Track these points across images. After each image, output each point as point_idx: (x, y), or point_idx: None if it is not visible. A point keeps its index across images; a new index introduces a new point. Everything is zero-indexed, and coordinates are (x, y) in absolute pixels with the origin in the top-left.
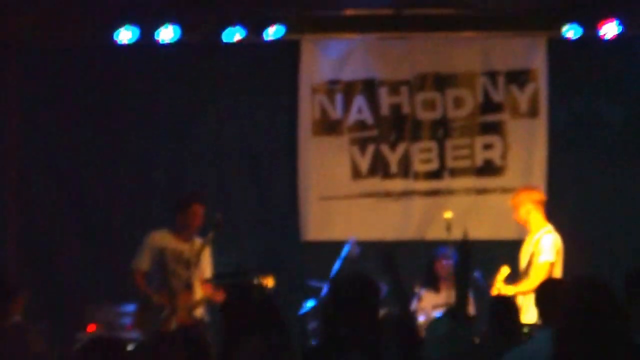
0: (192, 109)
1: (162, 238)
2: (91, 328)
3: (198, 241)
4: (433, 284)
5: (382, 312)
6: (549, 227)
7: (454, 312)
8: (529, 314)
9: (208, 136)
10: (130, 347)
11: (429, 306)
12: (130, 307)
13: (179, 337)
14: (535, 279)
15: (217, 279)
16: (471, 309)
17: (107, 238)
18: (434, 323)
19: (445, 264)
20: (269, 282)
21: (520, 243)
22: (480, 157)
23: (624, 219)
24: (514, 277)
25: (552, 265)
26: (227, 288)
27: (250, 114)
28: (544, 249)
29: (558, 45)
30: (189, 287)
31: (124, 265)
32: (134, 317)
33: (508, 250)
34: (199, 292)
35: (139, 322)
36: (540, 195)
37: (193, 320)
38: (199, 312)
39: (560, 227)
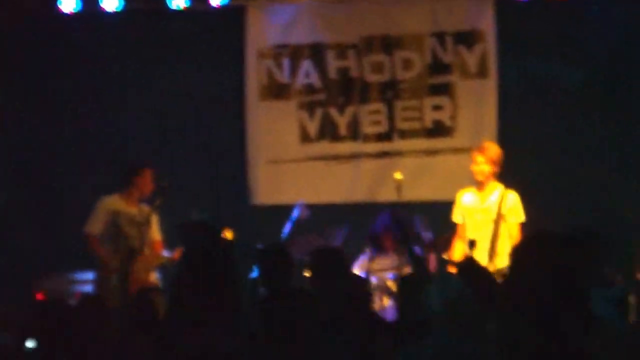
0: (139, 76)
1: (114, 202)
2: (39, 296)
3: (145, 206)
4: (381, 248)
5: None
6: (502, 186)
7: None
8: None
9: (155, 103)
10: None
11: (380, 268)
12: (80, 275)
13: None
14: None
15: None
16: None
17: (55, 205)
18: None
19: (389, 235)
20: (229, 234)
21: None
22: (429, 119)
23: (576, 178)
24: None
25: (523, 225)
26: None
27: (197, 81)
28: (515, 209)
29: (508, 6)
30: (142, 249)
31: (73, 232)
32: (94, 283)
33: None
34: (152, 254)
35: (99, 288)
36: (501, 154)
37: (148, 284)
38: (153, 277)
39: (511, 187)
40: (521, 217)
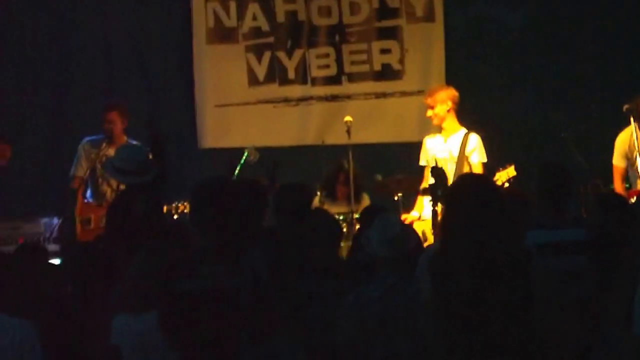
0: (82, 19)
1: (93, 145)
2: None
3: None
4: (332, 194)
5: None
6: (465, 128)
7: None
8: None
9: (99, 47)
10: None
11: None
12: (25, 223)
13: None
14: None
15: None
16: None
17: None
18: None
19: (345, 187)
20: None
21: (419, 145)
22: (378, 62)
23: (521, 120)
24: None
25: (485, 165)
26: None
27: (143, 24)
28: (477, 149)
29: None
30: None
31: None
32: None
33: (407, 153)
34: None
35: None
36: (457, 95)
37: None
38: None
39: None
40: (483, 157)
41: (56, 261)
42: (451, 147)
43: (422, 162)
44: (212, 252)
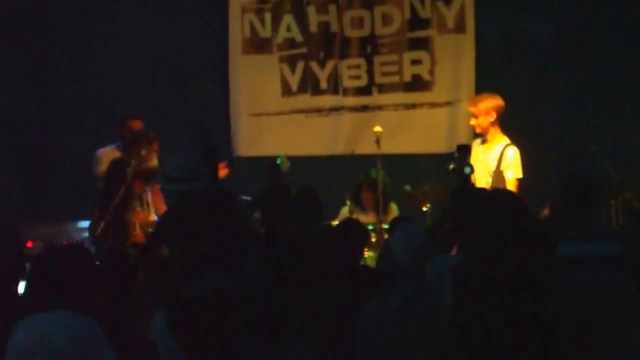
0: (122, 28)
1: (110, 153)
2: (30, 244)
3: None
4: (360, 204)
5: None
6: (508, 140)
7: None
8: None
9: (139, 54)
10: None
11: None
12: (68, 226)
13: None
14: None
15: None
16: None
17: (42, 157)
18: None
19: (370, 196)
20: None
21: (448, 156)
22: (408, 73)
23: (552, 133)
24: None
25: (520, 181)
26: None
27: (180, 34)
28: (512, 164)
29: None
30: (143, 204)
31: (59, 182)
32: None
33: (435, 164)
34: (152, 209)
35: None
36: (502, 105)
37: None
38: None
39: None
40: (518, 173)
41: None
42: (489, 158)
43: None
44: (214, 257)
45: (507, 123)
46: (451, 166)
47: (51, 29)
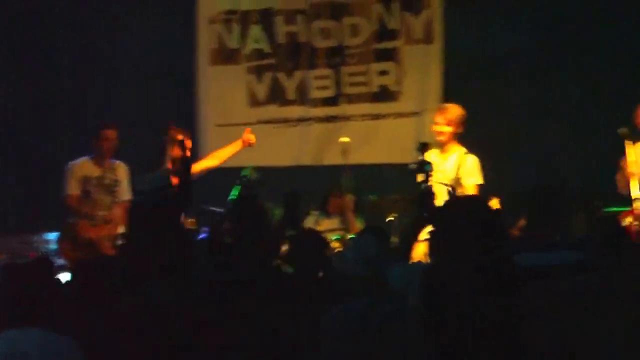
0: (92, 38)
1: (82, 166)
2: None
3: (119, 165)
4: (326, 210)
5: None
6: (464, 149)
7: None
8: None
9: (108, 63)
10: None
11: (324, 229)
12: (35, 237)
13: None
14: None
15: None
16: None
17: (8, 167)
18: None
19: (337, 202)
20: None
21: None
22: (375, 83)
23: (518, 142)
24: None
25: (481, 187)
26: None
27: (148, 44)
28: (473, 171)
29: None
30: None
31: (26, 193)
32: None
33: (402, 174)
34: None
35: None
36: (464, 115)
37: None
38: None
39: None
40: (479, 179)
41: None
42: (447, 167)
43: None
44: (154, 268)
45: (474, 132)
46: (413, 165)
47: (25, 39)
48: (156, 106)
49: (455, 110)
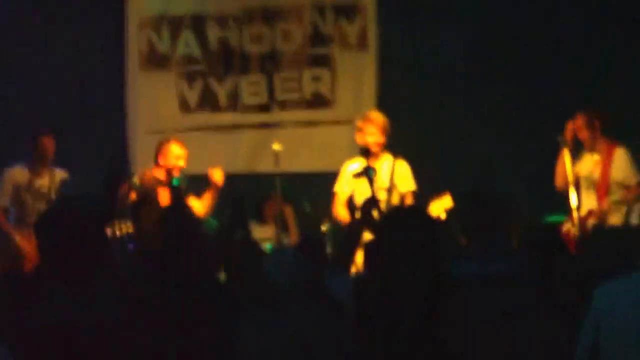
0: (21, 39)
1: (18, 174)
2: None
3: (57, 172)
4: (261, 218)
5: None
6: (392, 156)
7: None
8: None
9: (34, 68)
10: None
11: (259, 237)
12: None
13: None
14: None
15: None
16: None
17: None
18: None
19: (272, 208)
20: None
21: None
22: (309, 90)
23: (457, 148)
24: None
25: (415, 194)
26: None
27: (77, 49)
28: (407, 178)
29: None
30: None
31: None
32: None
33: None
34: None
35: None
36: (387, 121)
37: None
38: None
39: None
40: (412, 185)
41: None
42: (382, 175)
43: (339, 189)
44: (60, 281)
45: (412, 138)
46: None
47: None
48: (88, 112)
49: (384, 119)
